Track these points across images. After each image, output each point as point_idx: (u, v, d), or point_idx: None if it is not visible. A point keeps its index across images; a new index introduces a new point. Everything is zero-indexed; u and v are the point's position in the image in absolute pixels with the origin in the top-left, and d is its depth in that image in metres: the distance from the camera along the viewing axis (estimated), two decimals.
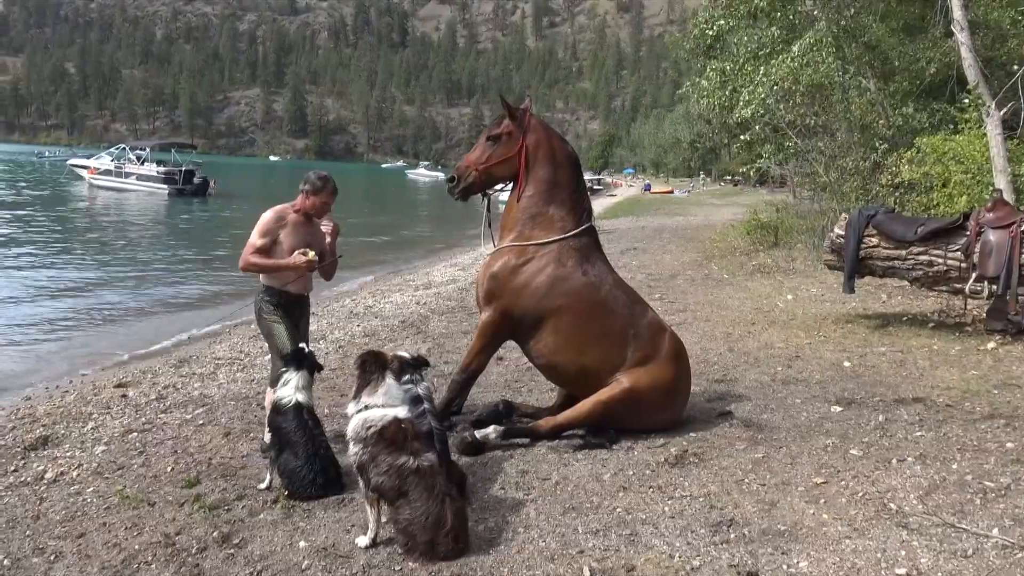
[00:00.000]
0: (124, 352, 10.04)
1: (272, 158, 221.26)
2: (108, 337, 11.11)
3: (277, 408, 4.60)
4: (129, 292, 14.61)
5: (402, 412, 3.92)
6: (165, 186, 43.58)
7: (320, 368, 4.95)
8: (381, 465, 3.69)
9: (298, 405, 4.53)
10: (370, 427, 3.80)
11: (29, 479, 5.00)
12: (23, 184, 49.49)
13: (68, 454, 5.48)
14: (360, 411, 3.91)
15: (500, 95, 5.68)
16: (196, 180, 45.25)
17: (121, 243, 22.27)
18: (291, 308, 5.30)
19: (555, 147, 5.55)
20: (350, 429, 3.91)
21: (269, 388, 5.29)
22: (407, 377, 4.45)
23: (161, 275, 16.89)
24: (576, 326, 5.25)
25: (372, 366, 4.04)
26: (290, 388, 4.62)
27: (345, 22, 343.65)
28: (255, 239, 5.18)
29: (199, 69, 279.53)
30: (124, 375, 8.20)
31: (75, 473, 5.06)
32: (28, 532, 4.16)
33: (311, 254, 5.16)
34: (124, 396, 7.15)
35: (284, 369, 4.75)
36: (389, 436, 3.75)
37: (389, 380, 4.02)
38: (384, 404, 3.91)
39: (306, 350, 4.86)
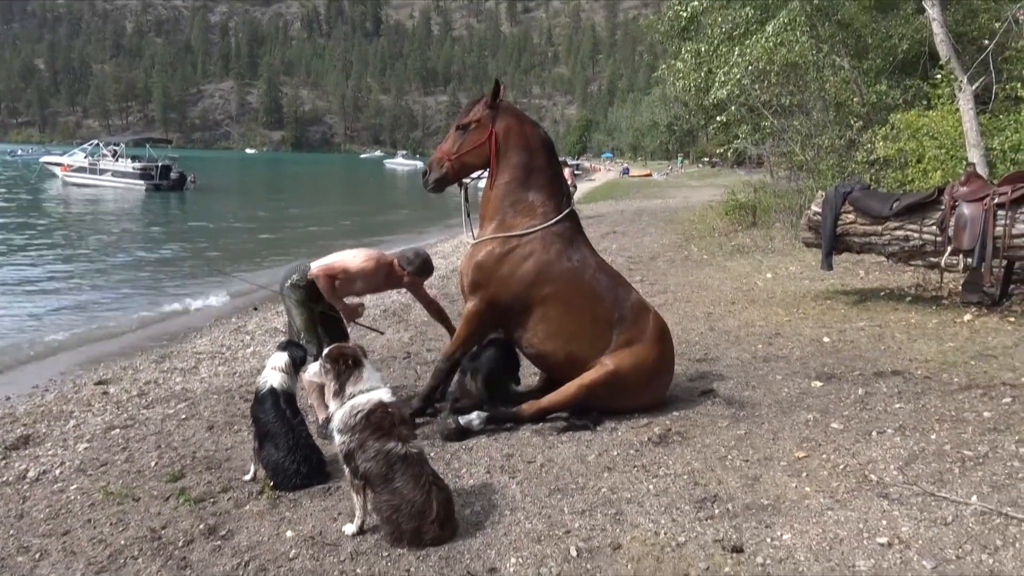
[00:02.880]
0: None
1: (248, 151, 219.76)
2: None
3: (256, 395, 4.60)
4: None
5: (386, 395, 3.91)
6: (142, 182, 43.21)
7: (304, 361, 4.91)
8: (369, 451, 3.68)
9: (273, 390, 4.54)
10: (357, 412, 3.79)
11: (11, 479, 4.97)
12: None
13: (50, 452, 5.45)
14: (347, 401, 3.90)
15: (497, 79, 5.57)
16: (173, 175, 44.89)
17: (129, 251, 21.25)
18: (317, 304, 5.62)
19: (527, 133, 5.46)
20: (336, 420, 3.88)
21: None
22: None
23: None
24: (564, 313, 5.24)
25: (348, 359, 4.01)
26: (267, 369, 4.69)
27: (318, 12, 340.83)
28: (343, 269, 5.48)
29: (171, 62, 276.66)
30: (105, 372, 8.14)
31: (58, 471, 5.03)
32: (12, 531, 4.13)
33: (363, 310, 5.89)
34: (105, 393, 7.11)
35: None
36: (376, 421, 3.74)
37: (367, 365, 4.02)
38: (369, 388, 3.90)
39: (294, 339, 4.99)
